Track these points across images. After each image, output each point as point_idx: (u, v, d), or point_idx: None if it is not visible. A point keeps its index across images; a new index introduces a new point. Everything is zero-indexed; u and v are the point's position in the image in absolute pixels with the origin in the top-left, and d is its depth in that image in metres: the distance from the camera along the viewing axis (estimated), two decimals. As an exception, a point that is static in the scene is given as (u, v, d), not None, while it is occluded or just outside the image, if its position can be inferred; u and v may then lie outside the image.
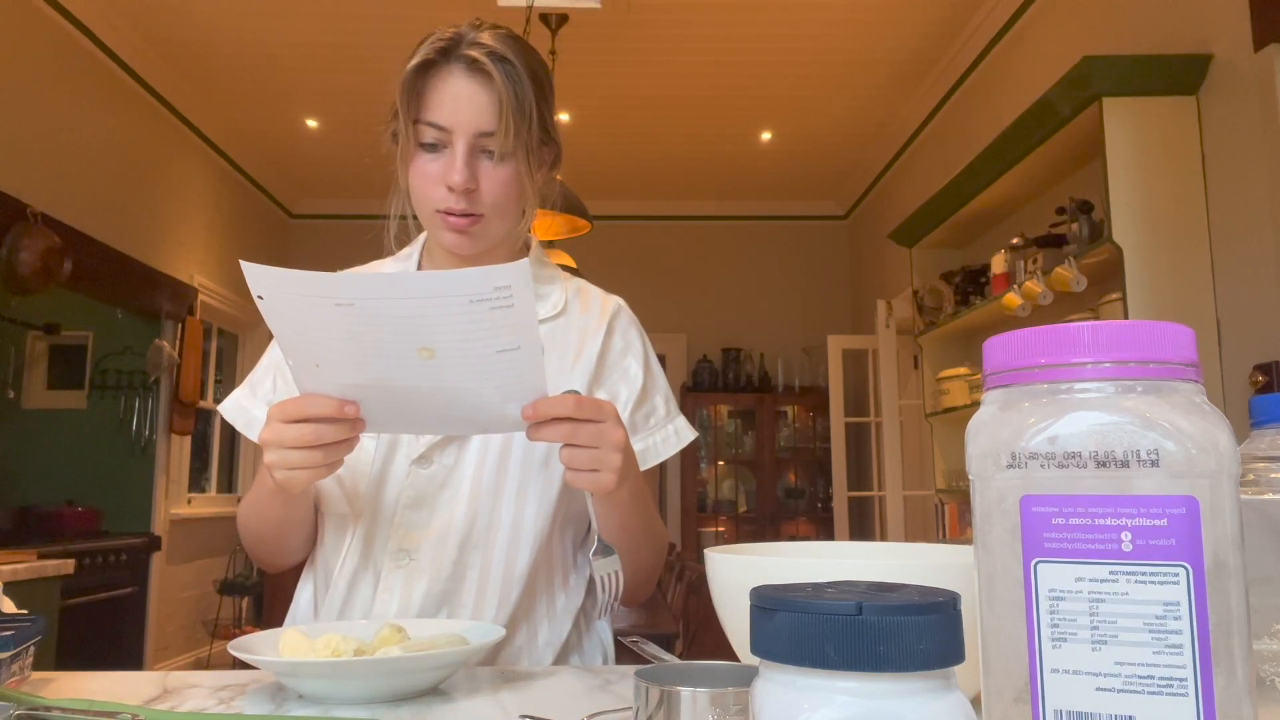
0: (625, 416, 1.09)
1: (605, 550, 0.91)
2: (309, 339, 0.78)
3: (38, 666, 0.82)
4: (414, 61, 1.02)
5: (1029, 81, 3.76)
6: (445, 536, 1.02)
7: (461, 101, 1.00)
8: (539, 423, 0.84)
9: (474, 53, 1.00)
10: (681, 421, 1.15)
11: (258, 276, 0.75)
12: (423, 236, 1.16)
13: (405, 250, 1.16)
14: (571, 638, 1.09)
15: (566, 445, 0.85)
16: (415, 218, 1.10)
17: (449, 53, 1.01)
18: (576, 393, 0.86)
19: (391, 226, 1.11)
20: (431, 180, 1.02)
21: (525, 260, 0.73)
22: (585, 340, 1.11)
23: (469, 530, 1.02)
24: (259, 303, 0.77)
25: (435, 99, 1.01)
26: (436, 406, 0.84)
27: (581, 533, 1.13)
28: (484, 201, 1.02)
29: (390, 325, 0.76)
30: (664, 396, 1.14)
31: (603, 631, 1.14)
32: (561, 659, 1.07)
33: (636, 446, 1.06)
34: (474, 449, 1.05)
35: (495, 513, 1.03)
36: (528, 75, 1.03)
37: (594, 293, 1.18)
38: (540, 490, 1.05)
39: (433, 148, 1.01)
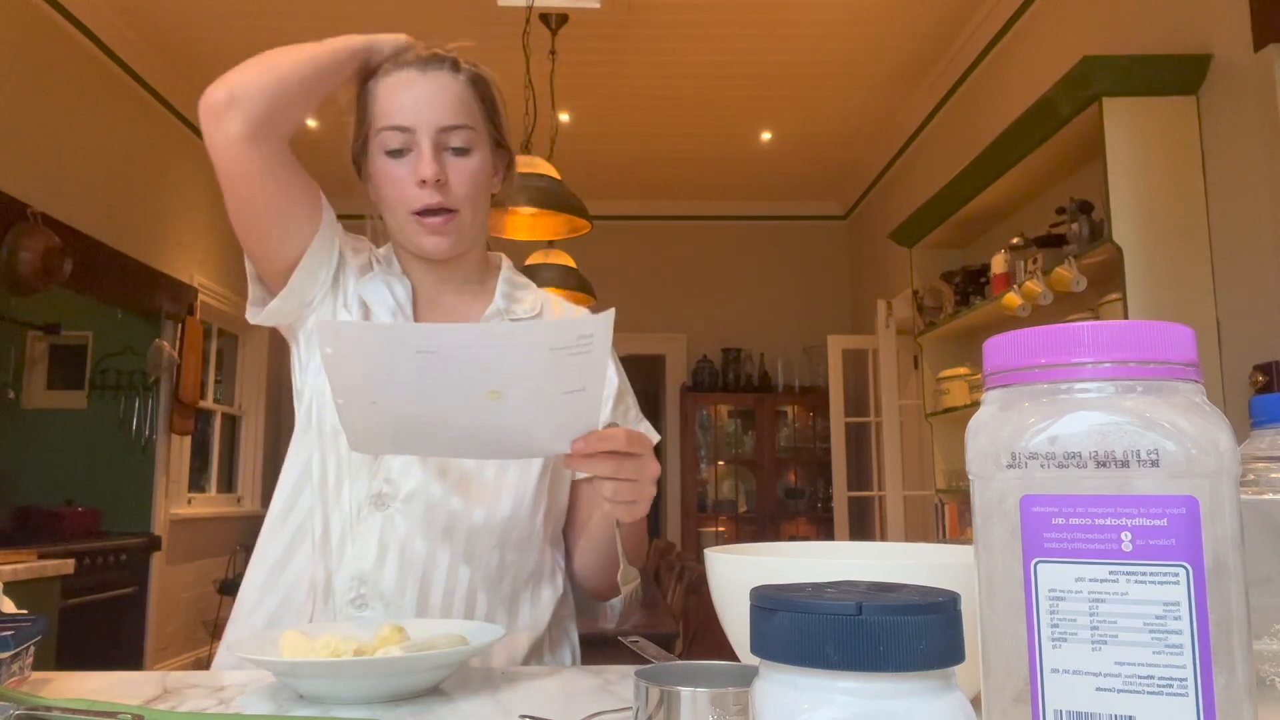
0: (605, 414, 1.12)
1: (629, 570, 0.94)
2: (373, 382, 0.78)
3: (38, 666, 0.81)
4: (363, 76, 1.08)
5: (1029, 81, 3.76)
6: (422, 491, 1.02)
7: (420, 100, 1.04)
8: (583, 456, 0.85)
9: (423, 54, 1.07)
10: (649, 425, 1.18)
11: (331, 337, 0.75)
12: (387, 245, 1.18)
13: (382, 251, 1.17)
14: (547, 634, 1.10)
15: (610, 479, 0.86)
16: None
17: (397, 61, 1.07)
18: (622, 427, 0.87)
19: (368, 227, 1.15)
20: (402, 182, 1.04)
21: (612, 310, 0.75)
22: None
23: (446, 494, 1.03)
24: (324, 355, 0.77)
25: (394, 103, 1.05)
26: (488, 440, 0.85)
27: (559, 530, 1.15)
28: (455, 195, 1.04)
29: (465, 370, 0.76)
30: (633, 399, 1.19)
31: (571, 633, 1.15)
32: (534, 654, 1.08)
33: None
34: None
35: (475, 483, 1.04)
36: (476, 76, 1.08)
37: (562, 303, 1.22)
38: (519, 473, 1.06)
39: (398, 153, 1.04)
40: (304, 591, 1.05)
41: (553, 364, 0.75)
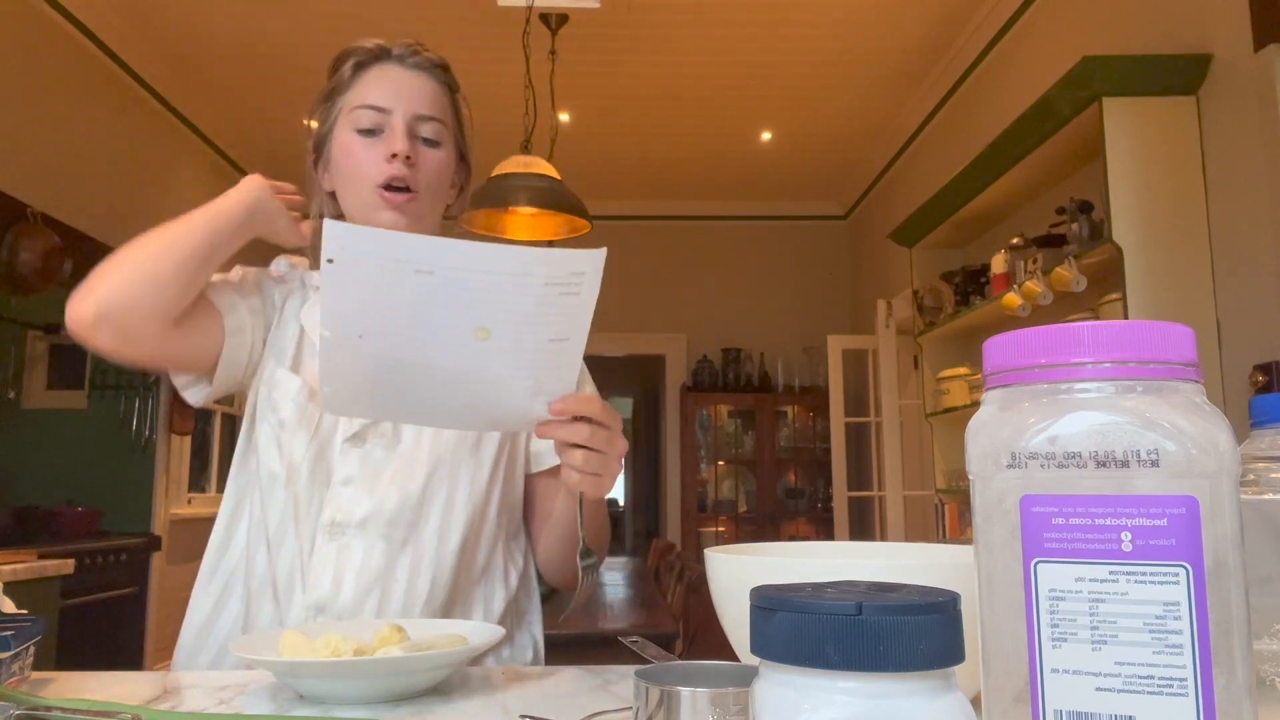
0: None
1: (587, 552, 0.92)
2: (365, 308, 0.76)
3: (38, 666, 0.81)
4: (350, 59, 1.09)
5: (1029, 81, 3.76)
6: (377, 514, 1.02)
7: (401, 85, 1.07)
8: (559, 421, 0.84)
9: (413, 51, 1.09)
10: None
11: (337, 237, 0.72)
12: None
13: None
14: (506, 627, 1.09)
15: (577, 446, 0.85)
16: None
17: (382, 54, 1.09)
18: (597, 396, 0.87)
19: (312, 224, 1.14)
20: (370, 158, 1.05)
21: (604, 249, 0.74)
22: None
23: (400, 509, 1.03)
24: (326, 267, 0.73)
25: (373, 86, 1.07)
26: (464, 396, 0.83)
27: (515, 523, 1.14)
28: (420, 179, 1.06)
29: (459, 299, 0.74)
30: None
31: (534, 627, 1.15)
32: (491, 650, 1.07)
33: None
34: (407, 431, 1.06)
35: (427, 491, 1.04)
36: (453, 85, 1.12)
37: None
38: (471, 473, 1.06)
39: (369, 132, 1.05)
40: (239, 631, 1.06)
41: (543, 301, 0.74)
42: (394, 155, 1.03)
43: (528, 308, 0.74)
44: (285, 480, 1.04)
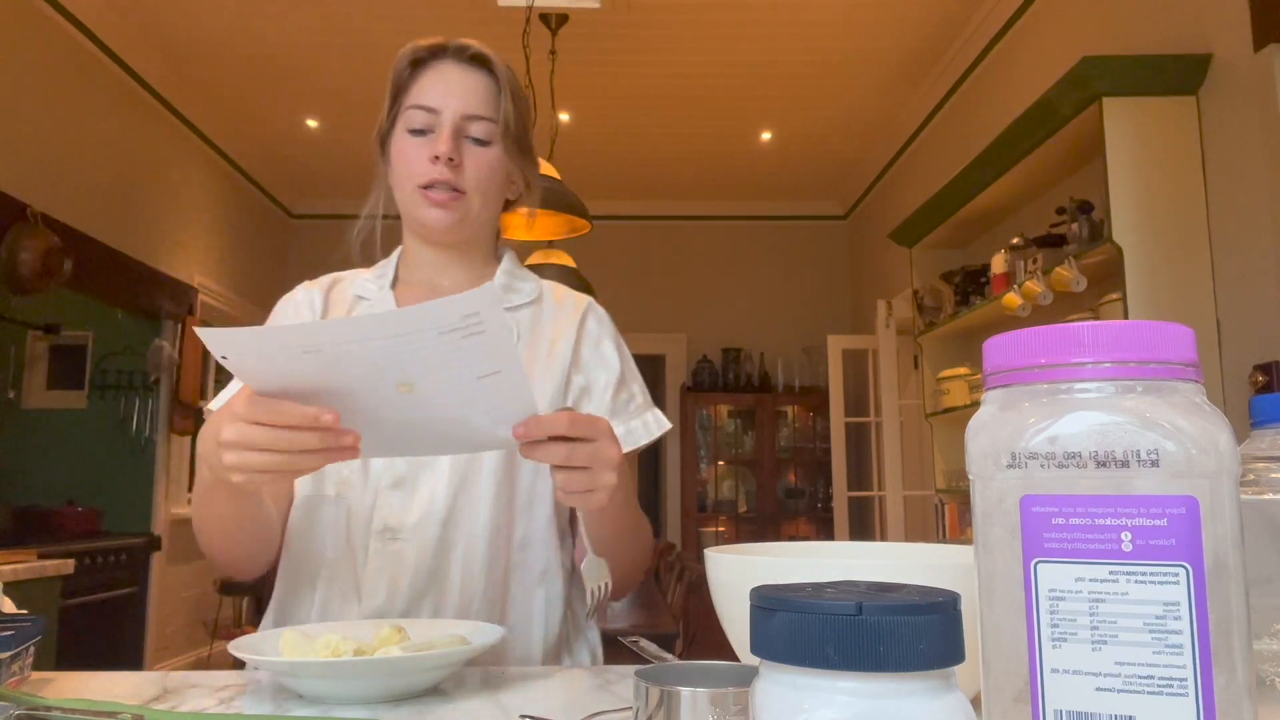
0: (605, 401, 1.11)
1: (594, 561, 0.90)
2: (285, 384, 0.75)
3: (38, 666, 0.81)
4: (407, 58, 1.08)
5: (1029, 81, 3.76)
6: (428, 515, 1.02)
7: (452, 85, 1.06)
8: (534, 442, 0.80)
9: (466, 48, 1.08)
10: (659, 412, 1.15)
11: (216, 341, 0.71)
12: (397, 251, 1.18)
13: (380, 264, 1.18)
14: (563, 632, 1.09)
15: (560, 468, 0.81)
16: (386, 218, 1.12)
17: (440, 51, 1.08)
18: (570, 410, 0.83)
19: (360, 226, 1.15)
20: (415, 157, 1.05)
21: (493, 284, 0.72)
22: (559, 327, 1.13)
23: (451, 508, 1.03)
24: (224, 363, 0.73)
25: (426, 85, 1.07)
26: (429, 434, 0.83)
27: (567, 518, 1.13)
28: (467, 179, 1.06)
29: (362, 364, 0.73)
30: (640, 386, 1.16)
31: (590, 632, 1.14)
32: (552, 655, 1.07)
33: (617, 430, 1.05)
34: None
35: (476, 489, 1.04)
36: (511, 81, 1.10)
37: (565, 289, 1.21)
38: (518, 470, 1.06)
39: (419, 132, 1.06)
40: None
41: (449, 349, 0.72)
42: (436, 157, 1.03)
43: (434, 358, 0.72)
44: (336, 495, 1.05)
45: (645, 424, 1.13)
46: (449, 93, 1.06)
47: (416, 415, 0.79)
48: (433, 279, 1.14)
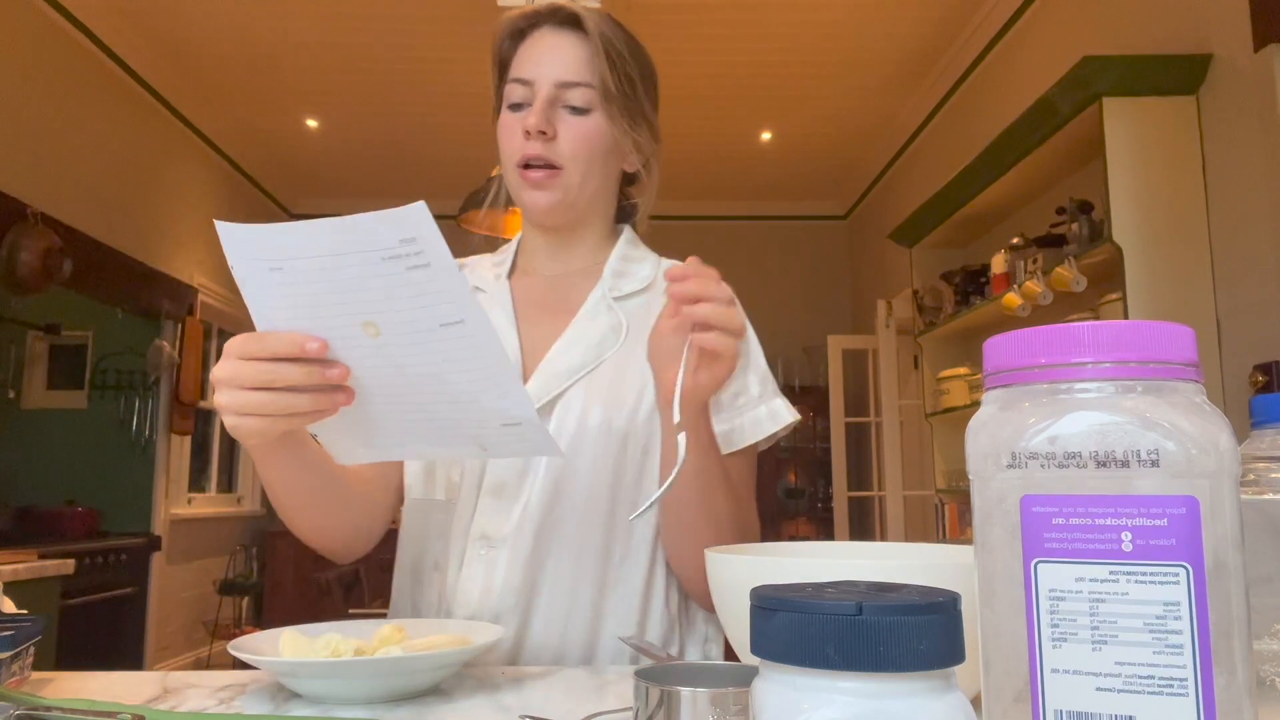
0: (720, 397, 1.03)
1: (661, 493, 0.77)
2: (271, 323, 0.74)
3: (38, 666, 0.81)
4: (505, 30, 1.03)
5: (1029, 81, 3.76)
6: (525, 521, 0.97)
7: (544, 53, 1.00)
8: (684, 295, 0.79)
9: (559, 10, 1.01)
10: (780, 403, 1.05)
11: (222, 235, 0.69)
12: (517, 238, 1.13)
13: (502, 249, 1.13)
14: (679, 624, 1.03)
15: (708, 319, 0.80)
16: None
17: (534, 19, 1.02)
18: (697, 259, 0.82)
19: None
20: (512, 134, 0.99)
21: (421, 203, 0.64)
22: None
23: (547, 513, 0.97)
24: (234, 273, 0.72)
25: (522, 57, 1.01)
26: (424, 409, 0.79)
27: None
28: (563, 152, 0.98)
29: (324, 293, 0.70)
30: (760, 376, 1.06)
31: (698, 621, 1.06)
32: (668, 645, 1.02)
33: (719, 429, 0.99)
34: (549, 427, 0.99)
35: (571, 499, 0.98)
36: (622, 41, 1.03)
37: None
38: (615, 466, 0.99)
39: (518, 107, 1.00)
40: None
41: (397, 281, 0.67)
42: (527, 132, 0.97)
43: (391, 292, 0.68)
44: (446, 500, 1.01)
45: (758, 419, 1.05)
46: (540, 60, 0.99)
47: (394, 375, 0.74)
48: (545, 266, 1.08)
